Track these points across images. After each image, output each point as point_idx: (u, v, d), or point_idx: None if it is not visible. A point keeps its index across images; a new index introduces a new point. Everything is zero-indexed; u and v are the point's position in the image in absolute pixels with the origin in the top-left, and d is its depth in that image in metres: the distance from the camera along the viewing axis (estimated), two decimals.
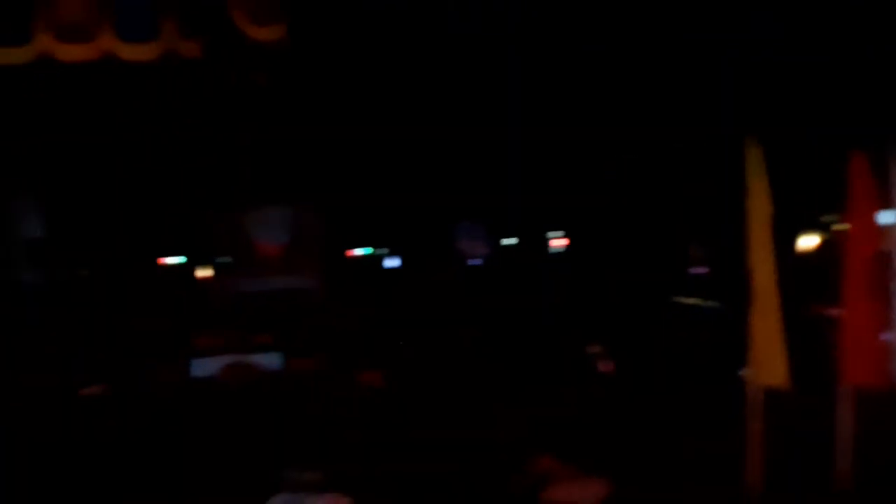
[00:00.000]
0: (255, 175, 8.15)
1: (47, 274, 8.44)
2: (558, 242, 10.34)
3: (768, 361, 4.91)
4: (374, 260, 10.51)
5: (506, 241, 10.33)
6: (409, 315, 8.51)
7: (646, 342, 7.61)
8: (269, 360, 7.45)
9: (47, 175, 8.29)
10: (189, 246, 9.82)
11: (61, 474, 6.02)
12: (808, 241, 8.92)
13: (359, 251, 10.39)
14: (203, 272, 9.90)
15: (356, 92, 7.33)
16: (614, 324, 7.90)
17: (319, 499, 5.21)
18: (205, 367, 7.40)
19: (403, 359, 7.64)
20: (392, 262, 10.57)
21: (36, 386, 6.92)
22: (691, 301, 8.47)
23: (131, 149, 7.96)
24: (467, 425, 6.55)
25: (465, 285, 9.69)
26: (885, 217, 4.89)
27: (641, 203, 8.68)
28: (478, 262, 10.16)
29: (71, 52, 5.37)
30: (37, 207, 8.56)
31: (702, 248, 9.11)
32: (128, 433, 6.52)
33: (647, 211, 8.76)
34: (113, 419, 6.69)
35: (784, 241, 5.32)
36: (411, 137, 7.39)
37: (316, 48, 6.26)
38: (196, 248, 9.85)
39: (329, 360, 7.37)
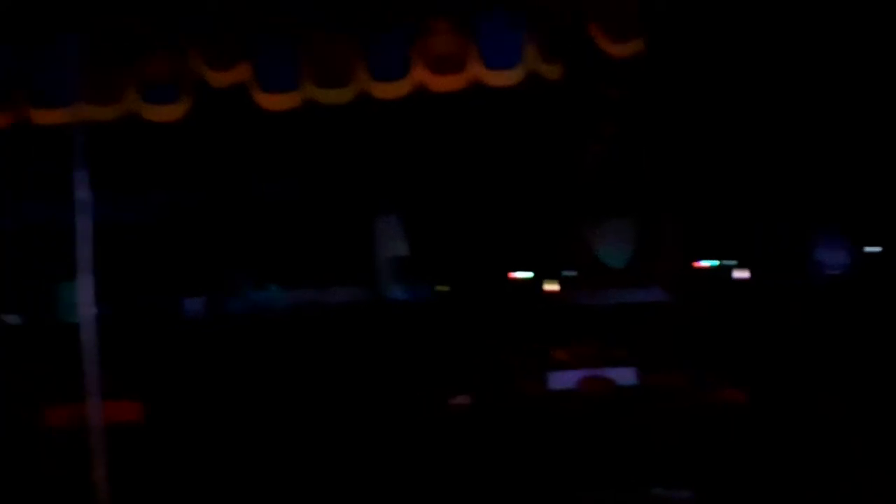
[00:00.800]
0: (605, 188, 8.23)
1: (411, 290, 9.07)
2: None
3: None
4: (721, 272, 10.19)
5: (869, 249, 9.62)
6: (765, 330, 8.16)
7: None
8: (625, 375, 7.42)
9: (411, 196, 8.92)
10: (535, 260, 10.08)
11: (428, 481, 6.40)
12: None
13: (705, 263, 10.12)
14: (550, 286, 10.12)
15: (716, 104, 7.18)
16: None
17: None
18: (561, 380, 7.52)
19: (767, 375, 7.33)
20: (741, 274, 10.19)
21: (408, 396, 7.42)
22: None
23: (487, 169, 8.37)
24: (836, 447, 6.18)
25: (823, 298, 9.13)
26: None
27: None
28: (838, 272, 9.53)
29: (443, 83, 5.67)
30: (402, 226, 9.26)
31: None
32: (492, 442, 6.79)
33: None
34: (478, 428, 7.02)
35: None
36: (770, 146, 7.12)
37: (675, 61, 6.20)
38: (542, 261, 10.08)
39: (687, 375, 7.22)
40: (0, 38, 5.12)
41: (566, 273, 9.96)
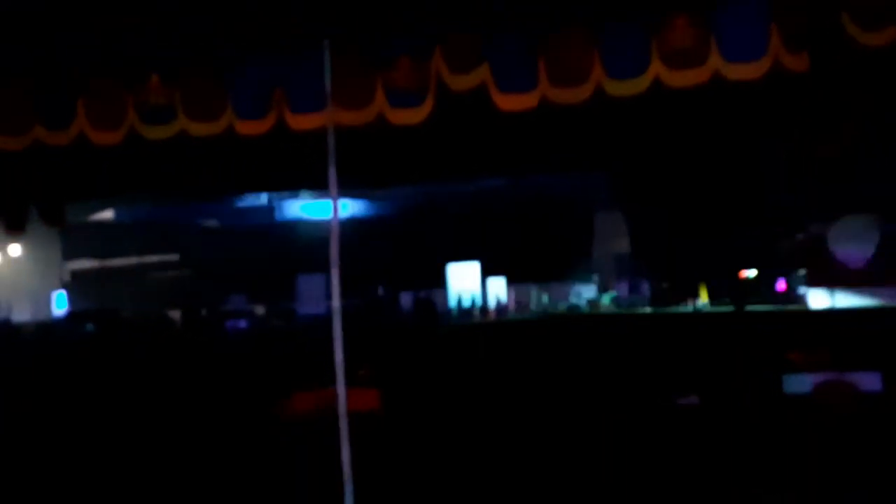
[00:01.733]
0: (847, 184, 7.81)
1: (634, 288, 8.99)
2: None
3: None
4: None
5: None
6: None
7: None
8: (868, 381, 7.03)
9: (637, 193, 8.83)
10: (762, 259, 9.72)
11: (656, 480, 6.30)
12: None
13: None
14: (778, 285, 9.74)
15: None
16: None
17: None
18: (797, 383, 7.22)
19: None
20: None
21: (636, 395, 7.36)
22: None
23: (717, 165, 8.13)
24: None
25: None
26: None
27: None
28: None
29: (681, 78, 5.55)
30: (626, 224, 9.20)
31: None
32: (720, 445, 6.62)
33: None
34: (706, 430, 6.85)
35: None
36: None
37: None
38: (768, 261, 9.71)
39: None
40: (261, 51, 5.46)
41: (795, 273, 9.54)
